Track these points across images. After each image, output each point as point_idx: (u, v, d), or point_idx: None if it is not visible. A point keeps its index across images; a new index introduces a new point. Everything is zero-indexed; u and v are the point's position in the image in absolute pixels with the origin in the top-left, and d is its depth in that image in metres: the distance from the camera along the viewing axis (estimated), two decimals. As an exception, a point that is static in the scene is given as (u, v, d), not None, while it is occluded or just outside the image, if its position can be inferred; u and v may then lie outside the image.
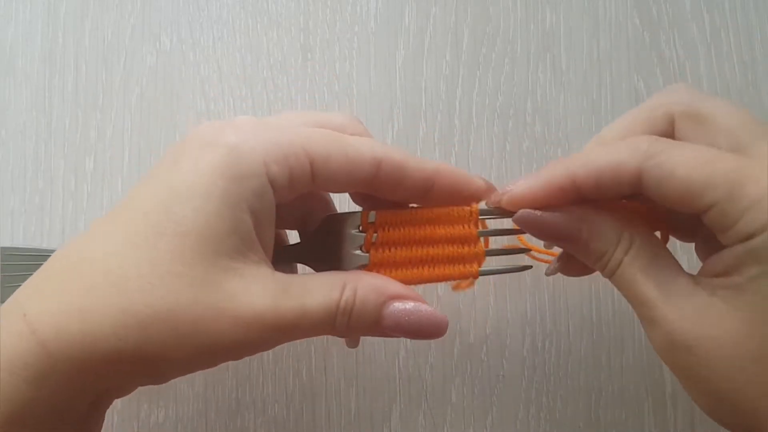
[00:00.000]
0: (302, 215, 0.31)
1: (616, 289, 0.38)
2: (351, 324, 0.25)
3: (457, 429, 0.37)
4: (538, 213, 0.27)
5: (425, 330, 0.26)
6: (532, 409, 0.38)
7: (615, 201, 0.27)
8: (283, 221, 0.29)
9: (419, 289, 0.38)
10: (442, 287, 0.38)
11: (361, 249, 0.28)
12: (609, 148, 0.26)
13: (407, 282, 0.28)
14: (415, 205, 0.29)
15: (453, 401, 0.38)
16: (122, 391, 0.27)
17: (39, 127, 0.39)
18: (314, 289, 0.25)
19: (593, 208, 0.27)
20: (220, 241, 0.23)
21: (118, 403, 0.37)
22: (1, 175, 0.38)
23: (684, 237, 0.30)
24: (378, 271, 0.28)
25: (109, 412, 0.36)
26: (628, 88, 0.41)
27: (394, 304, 0.26)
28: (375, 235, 0.28)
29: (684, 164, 0.24)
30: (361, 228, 0.28)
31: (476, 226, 0.29)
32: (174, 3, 0.40)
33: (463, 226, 0.29)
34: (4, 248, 0.34)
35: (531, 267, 0.31)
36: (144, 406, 0.37)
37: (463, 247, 0.29)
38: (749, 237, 0.23)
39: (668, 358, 0.25)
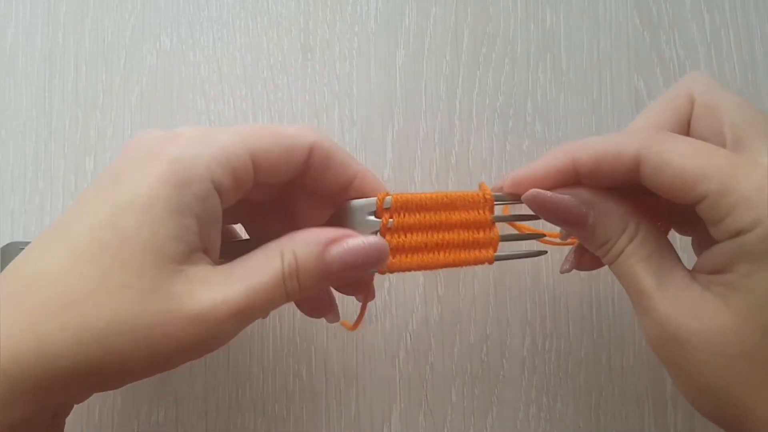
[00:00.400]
0: (245, 212, 0.31)
1: (616, 290, 0.38)
2: (302, 284, 0.26)
3: (457, 429, 0.37)
4: (548, 193, 0.27)
5: (372, 258, 0.27)
6: (532, 409, 0.38)
7: (621, 190, 0.28)
8: (230, 218, 0.30)
9: (420, 288, 0.38)
10: (441, 287, 0.38)
11: (376, 234, 0.28)
12: (611, 135, 0.27)
13: (423, 267, 0.29)
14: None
15: (453, 401, 0.38)
16: (80, 399, 0.27)
17: (39, 127, 0.39)
18: (255, 267, 0.26)
19: (602, 194, 0.27)
20: (164, 249, 0.24)
21: (118, 402, 0.37)
22: (1, 175, 0.38)
23: (683, 231, 0.31)
24: (394, 256, 0.28)
25: (109, 412, 0.37)
26: (628, 88, 0.41)
27: (333, 248, 0.26)
28: (390, 220, 0.28)
29: (680, 155, 0.25)
30: (376, 214, 0.28)
31: (491, 211, 0.29)
32: (174, 3, 0.40)
33: (478, 212, 0.29)
34: (6, 246, 0.34)
35: (546, 252, 0.31)
36: (144, 406, 0.37)
37: (478, 233, 0.29)
38: (738, 233, 0.24)
39: (659, 348, 0.26)
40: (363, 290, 0.31)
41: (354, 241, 0.26)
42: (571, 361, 0.38)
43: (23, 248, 0.26)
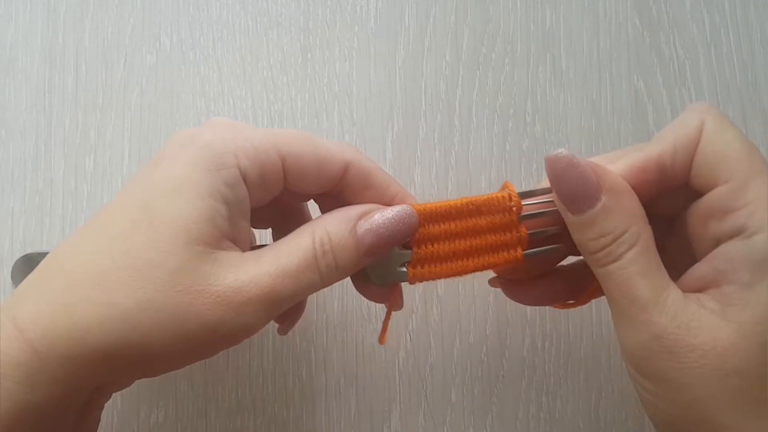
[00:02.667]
0: (277, 217, 0.31)
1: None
2: (338, 262, 0.26)
3: (457, 429, 0.37)
4: (578, 160, 0.26)
5: (402, 226, 0.27)
6: (532, 409, 0.38)
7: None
8: (262, 220, 0.30)
9: (420, 288, 0.38)
10: (442, 287, 0.38)
11: (404, 246, 0.28)
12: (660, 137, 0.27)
13: (453, 275, 0.28)
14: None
15: (453, 401, 0.38)
16: (117, 386, 0.27)
17: (39, 127, 0.39)
18: (286, 249, 0.26)
19: (621, 185, 0.26)
20: (194, 229, 0.24)
21: (118, 402, 0.37)
22: (1, 175, 0.38)
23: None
24: (422, 267, 0.28)
25: (109, 411, 0.36)
26: (628, 88, 0.41)
27: (363, 221, 0.26)
28: (417, 231, 0.28)
29: (734, 134, 0.25)
30: None
31: (517, 211, 0.29)
32: (174, 3, 0.40)
33: (503, 214, 0.29)
34: (26, 255, 0.35)
35: None
36: (144, 406, 0.37)
37: (505, 234, 0.29)
38: (743, 230, 0.24)
39: (647, 360, 0.25)
40: (391, 299, 0.30)
41: (382, 214, 0.27)
42: (571, 361, 0.38)
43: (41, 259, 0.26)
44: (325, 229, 0.26)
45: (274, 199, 0.28)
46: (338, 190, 0.28)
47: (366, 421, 0.37)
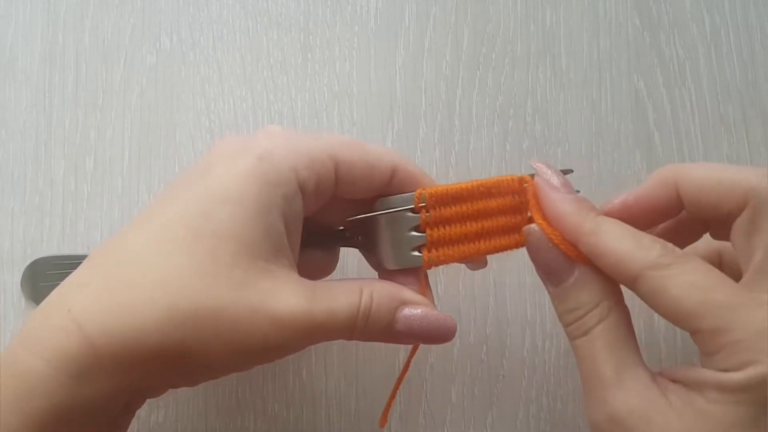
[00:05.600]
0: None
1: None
2: (368, 327, 0.26)
3: (457, 429, 0.37)
4: (542, 236, 0.27)
5: (435, 334, 0.27)
6: (532, 409, 0.38)
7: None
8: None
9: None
10: (442, 288, 0.38)
11: (417, 229, 0.28)
12: (622, 238, 0.25)
13: (465, 258, 0.29)
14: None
15: (453, 401, 0.38)
16: (155, 392, 0.27)
17: (39, 127, 0.39)
18: (338, 294, 0.26)
19: (591, 264, 0.26)
20: (255, 245, 0.24)
21: (118, 403, 0.37)
22: (1, 175, 0.38)
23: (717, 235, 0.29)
24: (436, 249, 0.28)
25: (109, 412, 0.36)
26: (628, 88, 0.41)
27: (407, 309, 0.27)
28: (428, 214, 0.28)
29: (679, 284, 0.24)
30: (414, 209, 0.28)
31: (524, 193, 0.29)
32: (174, 3, 0.40)
33: (513, 196, 0.29)
34: (36, 261, 0.35)
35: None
36: (144, 406, 0.37)
37: (515, 216, 0.29)
38: (725, 371, 0.23)
39: None
40: (422, 288, 0.30)
41: (425, 311, 0.27)
42: (571, 361, 0.38)
43: (56, 263, 0.26)
44: (371, 295, 0.26)
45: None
46: (382, 193, 0.29)
47: (366, 422, 0.37)
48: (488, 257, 0.30)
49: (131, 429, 0.36)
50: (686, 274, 0.24)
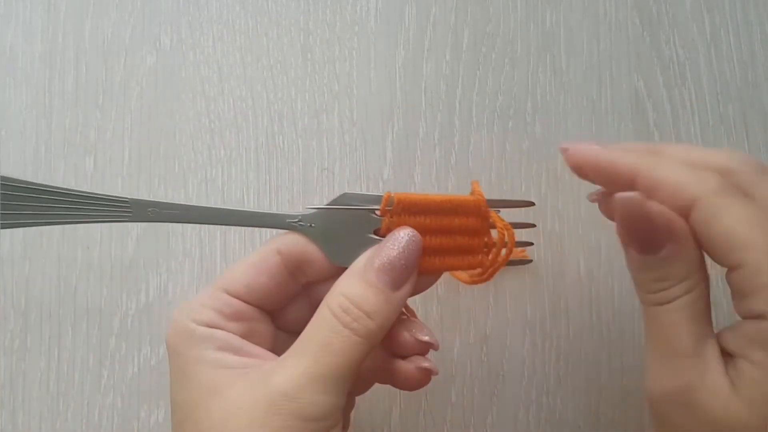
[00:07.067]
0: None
1: (615, 291, 0.38)
2: (368, 314, 0.26)
3: (457, 429, 0.37)
4: (652, 204, 0.25)
5: (411, 248, 0.27)
6: (532, 409, 0.38)
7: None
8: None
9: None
10: (442, 287, 0.38)
11: (376, 232, 0.28)
12: (681, 168, 0.25)
13: (419, 270, 0.28)
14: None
15: (453, 401, 0.38)
16: None
17: (39, 127, 0.39)
18: (309, 336, 0.26)
19: (687, 235, 0.25)
20: None
21: (118, 402, 0.37)
22: (1, 175, 0.38)
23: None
24: None
25: (109, 411, 0.36)
26: (628, 88, 0.41)
27: (372, 265, 0.27)
28: (391, 219, 0.28)
29: (734, 216, 0.24)
30: (378, 212, 0.28)
31: (487, 218, 0.29)
32: (174, 3, 0.40)
33: (476, 218, 0.29)
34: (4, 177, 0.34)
35: (531, 261, 0.31)
36: (144, 406, 0.37)
37: (473, 238, 0.29)
38: (759, 315, 0.23)
39: (664, 403, 0.25)
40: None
41: (385, 246, 0.27)
42: (571, 361, 0.38)
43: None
44: (339, 292, 0.26)
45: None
46: None
47: (366, 421, 0.37)
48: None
49: (131, 429, 0.36)
50: (740, 208, 0.24)
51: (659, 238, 0.25)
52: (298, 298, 0.30)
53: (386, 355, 0.29)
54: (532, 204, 0.30)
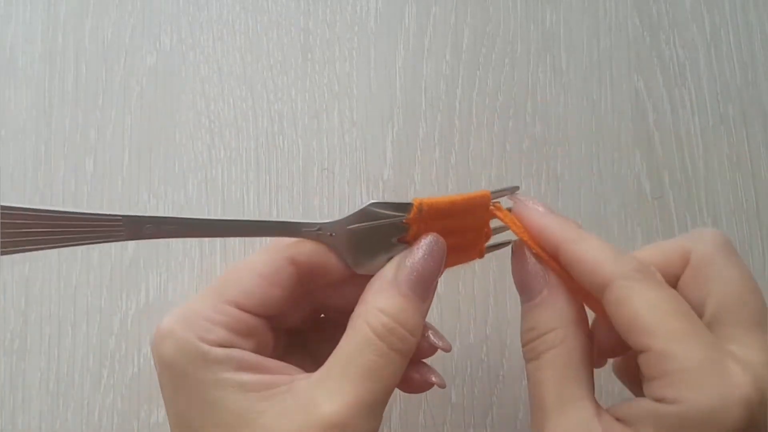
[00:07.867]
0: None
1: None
2: (406, 327, 0.26)
3: (457, 429, 0.37)
4: (527, 253, 0.27)
5: (438, 256, 0.27)
6: (532, 409, 0.38)
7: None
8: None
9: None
10: (442, 287, 0.38)
11: (402, 240, 0.28)
12: (601, 247, 0.26)
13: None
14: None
15: (453, 401, 0.38)
16: None
17: (39, 127, 0.39)
18: (346, 358, 0.26)
19: (564, 290, 0.27)
20: None
21: (118, 402, 0.37)
22: (1, 175, 0.38)
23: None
24: None
25: (109, 411, 0.36)
26: (628, 88, 0.41)
27: (402, 277, 0.27)
28: (419, 227, 0.28)
29: (644, 300, 0.24)
30: (405, 220, 0.28)
31: (489, 210, 0.29)
32: (174, 3, 0.40)
33: (482, 212, 0.29)
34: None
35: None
36: (144, 406, 0.37)
37: (474, 233, 0.29)
38: (660, 400, 0.23)
39: None
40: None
41: (411, 256, 0.27)
42: (571, 361, 0.38)
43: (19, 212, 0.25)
44: (380, 311, 0.26)
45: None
46: None
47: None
48: (486, 257, 0.30)
49: (131, 429, 0.36)
50: (653, 292, 0.24)
51: (536, 283, 0.27)
52: (298, 299, 0.30)
53: None
54: (517, 188, 0.30)
